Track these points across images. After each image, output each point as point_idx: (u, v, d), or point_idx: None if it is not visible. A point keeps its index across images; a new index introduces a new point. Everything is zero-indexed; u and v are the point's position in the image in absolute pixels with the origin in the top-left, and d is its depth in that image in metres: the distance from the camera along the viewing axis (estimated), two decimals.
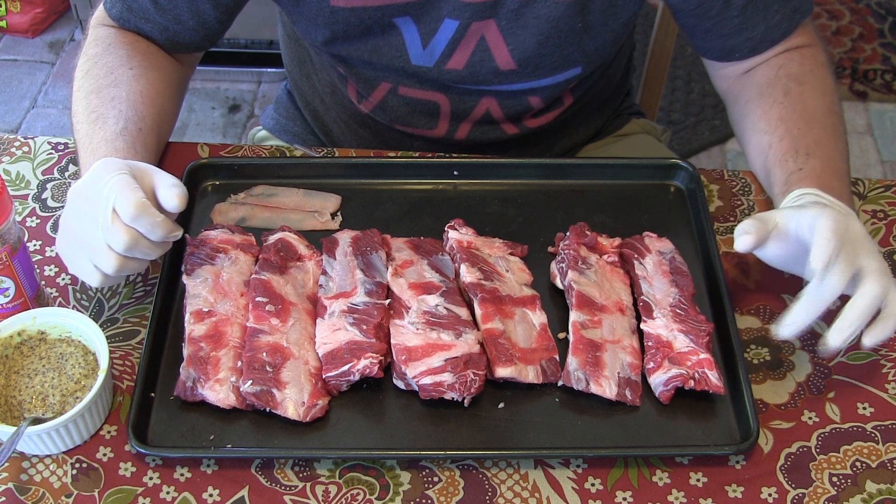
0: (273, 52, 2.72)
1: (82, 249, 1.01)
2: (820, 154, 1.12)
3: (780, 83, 1.19)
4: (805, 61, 1.21)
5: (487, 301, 1.08)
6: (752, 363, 1.08)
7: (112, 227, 0.97)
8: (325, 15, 1.18)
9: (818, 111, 1.17)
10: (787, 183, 1.11)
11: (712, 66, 1.29)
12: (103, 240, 0.99)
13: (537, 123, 1.35)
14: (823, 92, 1.19)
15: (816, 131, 1.15)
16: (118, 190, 0.98)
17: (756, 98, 1.21)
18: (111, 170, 1.01)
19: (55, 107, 2.79)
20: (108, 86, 1.15)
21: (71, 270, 1.05)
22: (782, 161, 1.13)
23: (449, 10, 1.16)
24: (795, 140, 1.14)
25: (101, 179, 1.00)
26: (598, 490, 0.99)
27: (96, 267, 1.01)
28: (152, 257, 1.02)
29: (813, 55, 1.22)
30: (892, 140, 2.68)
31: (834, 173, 1.11)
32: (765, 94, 1.20)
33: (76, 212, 1.02)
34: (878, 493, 0.98)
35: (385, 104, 1.32)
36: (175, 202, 1.00)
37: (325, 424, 1.02)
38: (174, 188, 1.01)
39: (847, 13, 3.02)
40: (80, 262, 1.02)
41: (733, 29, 1.20)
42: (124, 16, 1.20)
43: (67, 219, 1.03)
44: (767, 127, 1.17)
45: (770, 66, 1.22)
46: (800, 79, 1.19)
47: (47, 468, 1.00)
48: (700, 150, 2.67)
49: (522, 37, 1.18)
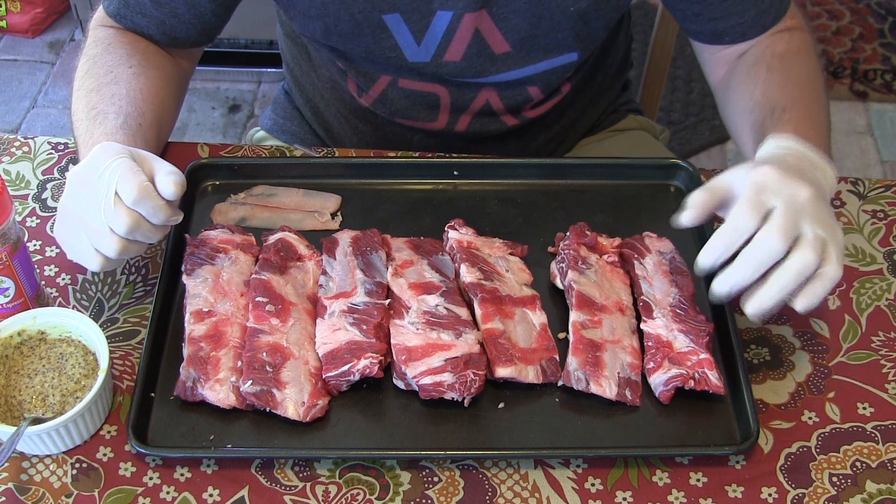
0: (273, 52, 2.72)
1: (83, 233, 1.01)
2: (798, 109, 1.12)
3: (765, 60, 1.20)
4: (793, 40, 1.22)
5: (487, 301, 1.08)
6: (752, 363, 1.08)
7: (114, 209, 0.98)
8: (317, 7, 1.19)
9: (800, 77, 1.18)
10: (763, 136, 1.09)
11: (706, 53, 1.30)
12: (105, 223, 0.99)
13: (536, 114, 1.36)
14: (808, 67, 1.20)
15: (796, 92, 1.15)
16: (120, 173, 0.99)
17: (744, 80, 1.21)
18: (111, 153, 1.01)
19: (55, 107, 2.79)
20: (108, 84, 1.15)
21: (70, 256, 1.05)
22: (760, 125, 1.13)
23: (441, 0, 1.16)
24: (774, 101, 1.14)
25: (101, 163, 1.00)
26: (598, 490, 0.99)
27: (97, 250, 1.01)
28: (153, 240, 1.03)
29: (801, 38, 1.23)
30: (892, 140, 2.68)
31: (811, 126, 1.09)
32: (751, 72, 1.21)
33: (76, 195, 1.02)
34: (878, 493, 0.98)
35: (385, 97, 1.32)
36: (172, 189, 1.00)
37: (325, 424, 1.02)
38: (171, 175, 1.01)
39: (847, 13, 3.02)
40: (81, 246, 1.02)
41: (722, 12, 1.21)
42: (121, 11, 1.21)
43: (67, 203, 1.03)
44: (751, 105, 1.17)
45: (759, 47, 1.23)
46: (784, 55, 1.21)
47: (47, 468, 1.00)
48: (700, 150, 2.67)
49: (514, 21, 1.19)
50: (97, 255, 1.02)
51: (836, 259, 0.94)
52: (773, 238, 0.93)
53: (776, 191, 0.94)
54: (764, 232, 0.93)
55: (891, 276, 1.17)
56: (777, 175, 0.96)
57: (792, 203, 0.94)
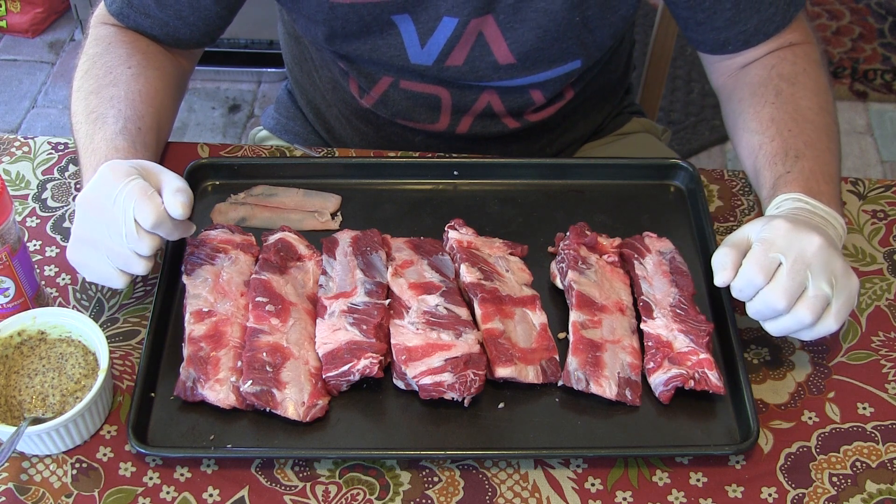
0: (273, 52, 2.72)
1: (106, 258, 1.02)
2: (810, 156, 1.12)
3: (772, 83, 1.19)
4: (798, 60, 1.21)
5: (487, 301, 1.08)
6: (752, 363, 1.08)
7: (137, 236, 0.99)
8: (325, 11, 1.18)
9: (810, 112, 1.17)
10: (775, 186, 1.11)
11: (708, 59, 1.29)
12: (128, 247, 1.00)
13: (538, 118, 1.36)
14: (816, 92, 1.19)
15: (808, 132, 1.14)
16: (135, 198, 0.99)
17: (748, 97, 1.21)
18: (121, 175, 1.01)
19: (55, 107, 2.79)
20: (106, 85, 1.15)
21: (90, 278, 1.06)
22: (771, 163, 1.13)
23: (448, 7, 1.16)
24: (786, 141, 1.14)
25: (113, 187, 1.00)
26: (598, 490, 0.99)
27: (123, 272, 1.02)
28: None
29: (806, 53, 1.22)
30: (892, 140, 2.68)
31: (822, 176, 1.11)
32: (757, 93, 1.20)
33: (91, 221, 1.02)
34: (878, 493, 0.98)
35: (386, 98, 1.32)
36: (179, 210, 1.01)
37: (325, 424, 1.02)
38: (178, 195, 1.01)
39: (847, 13, 3.02)
40: (102, 269, 1.03)
41: (726, 22, 1.20)
42: (124, 11, 1.20)
43: (82, 229, 1.03)
44: (759, 127, 1.17)
45: (763, 66, 1.22)
46: (792, 79, 1.19)
47: (47, 468, 1.00)
48: (700, 150, 2.67)
49: (521, 31, 1.18)
50: (122, 275, 1.03)
51: (836, 316, 0.99)
52: (775, 298, 0.98)
53: (785, 246, 0.98)
54: (768, 291, 0.98)
55: (891, 276, 1.17)
56: (786, 228, 0.99)
57: (799, 258, 0.98)
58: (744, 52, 1.23)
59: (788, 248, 0.98)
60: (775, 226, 1.00)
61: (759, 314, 1.00)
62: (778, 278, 0.97)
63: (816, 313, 0.97)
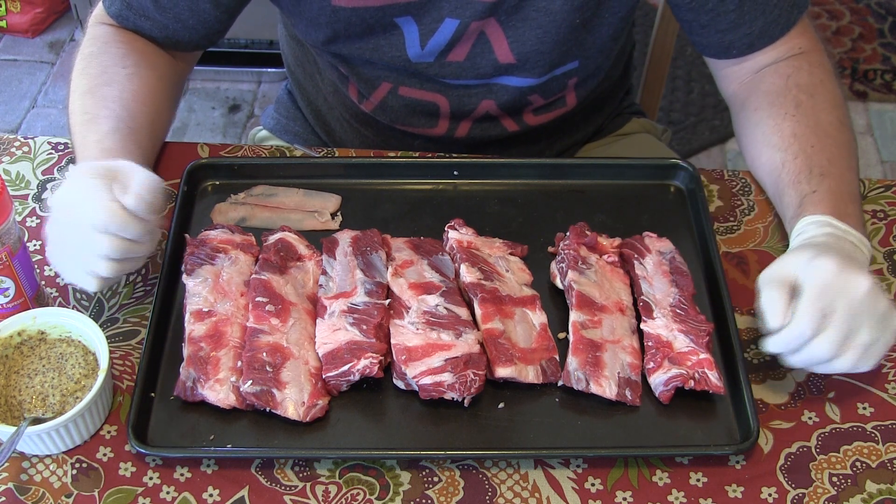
0: (273, 52, 2.72)
1: (74, 259, 1.01)
2: (834, 174, 1.11)
3: (791, 94, 1.18)
4: (814, 70, 1.20)
5: (487, 301, 1.08)
6: (752, 363, 1.08)
7: (92, 237, 0.97)
8: (327, 14, 1.18)
9: (831, 126, 1.16)
10: (801, 205, 1.10)
11: (717, 66, 1.28)
12: (87, 250, 0.98)
13: (538, 121, 1.36)
14: (834, 105, 1.18)
15: (830, 149, 1.13)
16: (88, 198, 0.98)
17: (766, 107, 1.19)
18: (84, 175, 1.00)
19: (55, 107, 2.79)
20: (101, 85, 1.15)
21: (67, 280, 1.06)
22: (796, 182, 1.12)
23: (450, 9, 1.16)
24: (809, 158, 1.13)
25: (74, 188, 1.00)
26: (598, 490, 0.99)
27: (92, 273, 1.00)
28: (142, 253, 1.02)
29: (821, 63, 1.21)
30: (892, 140, 2.68)
31: (848, 196, 1.10)
32: (775, 104, 1.19)
33: (59, 222, 1.01)
34: (878, 493, 0.98)
35: (385, 104, 1.32)
36: (134, 204, 0.98)
37: (325, 424, 1.02)
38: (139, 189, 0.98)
39: (847, 13, 3.02)
40: (75, 271, 1.02)
41: (730, 24, 1.19)
42: (123, 13, 1.20)
43: (51, 230, 1.02)
44: (780, 143, 1.16)
45: (779, 75, 1.21)
46: (811, 90, 1.18)
47: (47, 468, 1.00)
48: (700, 150, 2.67)
49: (522, 30, 1.18)
50: (93, 278, 1.01)
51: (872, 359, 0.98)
52: (821, 351, 0.96)
53: (836, 293, 0.96)
54: (820, 340, 0.96)
55: (891, 276, 1.17)
56: (835, 271, 0.97)
57: (849, 307, 0.96)
58: (751, 57, 1.23)
59: (839, 295, 0.96)
60: (824, 267, 0.97)
61: (800, 363, 0.99)
62: (827, 332, 0.95)
63: (857, 360, 0.97)
